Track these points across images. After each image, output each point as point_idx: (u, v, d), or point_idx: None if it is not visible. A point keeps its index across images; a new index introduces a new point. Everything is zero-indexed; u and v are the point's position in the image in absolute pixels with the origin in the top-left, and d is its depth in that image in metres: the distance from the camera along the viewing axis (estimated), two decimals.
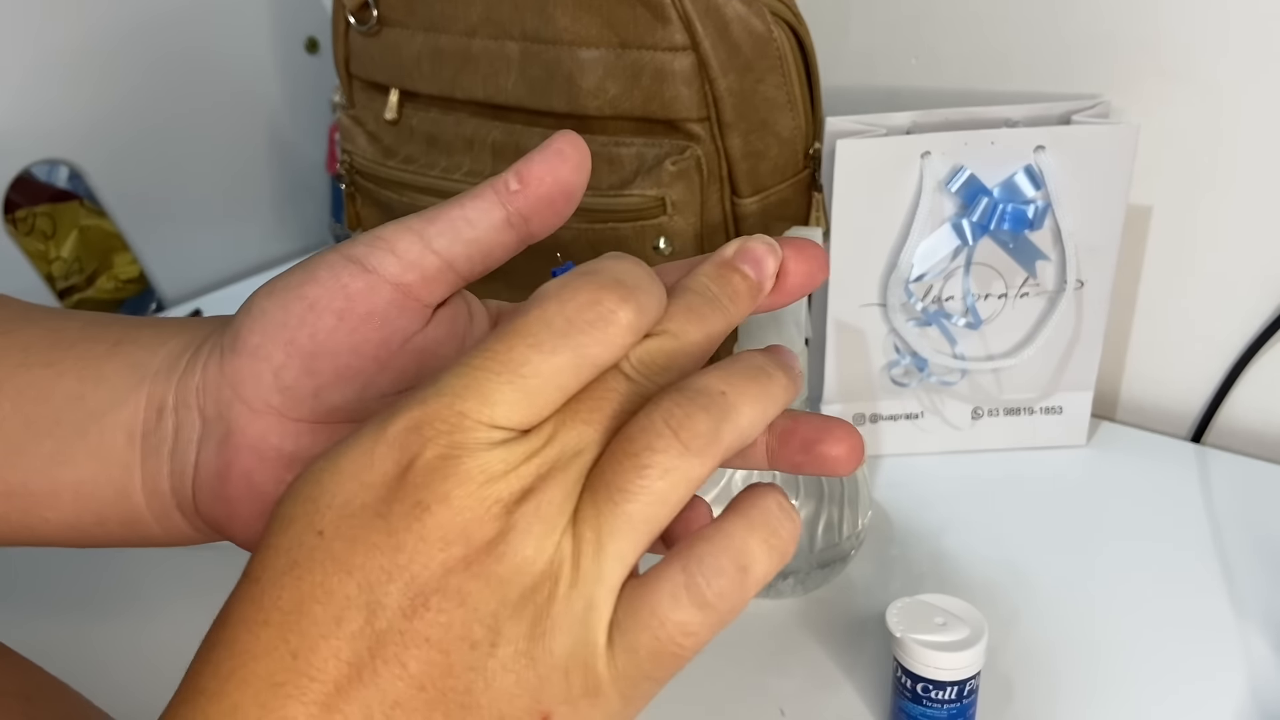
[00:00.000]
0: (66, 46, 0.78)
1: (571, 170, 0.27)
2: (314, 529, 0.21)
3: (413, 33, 0.59)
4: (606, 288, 0.22)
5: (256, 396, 0.27)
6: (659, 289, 0.23)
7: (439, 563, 0.21)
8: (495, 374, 0.21)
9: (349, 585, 0.21)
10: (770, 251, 0.26)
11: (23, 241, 0.86)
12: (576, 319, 0.22)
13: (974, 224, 0.56)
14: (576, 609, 0.21)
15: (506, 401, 0.21)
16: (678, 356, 0.24)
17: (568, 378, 0.22)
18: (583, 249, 0.55)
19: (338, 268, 0.27)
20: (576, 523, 0.21)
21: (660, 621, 0.21)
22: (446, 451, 0.21)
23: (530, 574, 0.21)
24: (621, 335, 0.22)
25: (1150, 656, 0.47)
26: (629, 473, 0.21)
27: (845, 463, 0.27)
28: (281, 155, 0.94)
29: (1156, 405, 0.66)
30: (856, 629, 0.49)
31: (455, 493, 0.21)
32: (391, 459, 0.21)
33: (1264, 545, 0.53)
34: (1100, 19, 0.60)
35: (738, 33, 0.51)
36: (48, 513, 0.29)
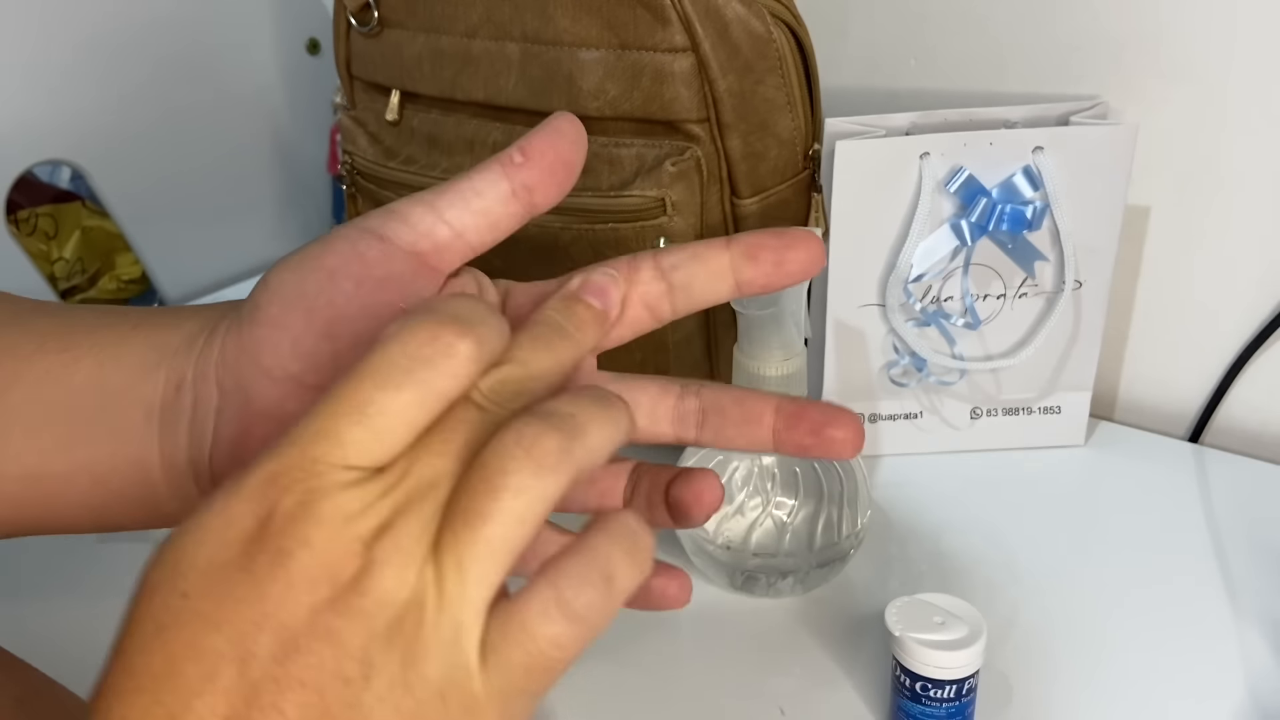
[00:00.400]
0: (68, 47, 0.78)
1: (570, 145, 0.28)
2: (178, 592, 0.21)
3: (413, 34, 0.60)
4: (444, 323, 0.23)
5: (276, 364, 0.28)
6: (498, 321, 0.24)
7: (306, 605, 0.21)
8: (344, 416, 0.22)
9: (219, 640, 0.21)
10: (612, 282, 0.27)
11: (25, 242, 0.86)
12: (418, 355, 0.22)
13: (973, 224, 0.56)
14: (445, 633, 0.22)
15: (357, 442, 0.22)
16: (526, 383, 0.24)
17: (415, 412, 0.22)
18: (583, 249, 0.55)
19: (354, 238, 0.28)
20: (438, 551, 0.22)
21: (531, 636, 0.22)
22: (303, 498, 0.21)
23: (395, 604, 0.21)
24: (463, 366, 0.23)
25: (1148, 655, 0.47)
26: (484, 496, 0.22)
27: (849, 445, 0.28)
28: (283, 156, 0.94)
29: (1155, 405, 0.66)
30: (855, 628, 0.49)
31: (315, 535, 0.21)
32: (250, 513, 0.22)
33: (1262, 545, 0.53)
34: (1099, 20, 0.60)
35: (737, 34, 0.51)
36: (68, 493, 0.30)
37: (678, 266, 0.29)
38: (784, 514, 0.49)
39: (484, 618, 0.22)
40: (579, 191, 0.54)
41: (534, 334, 0.25)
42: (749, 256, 0.29)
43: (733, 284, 0.29)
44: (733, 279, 0.29)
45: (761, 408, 0.30)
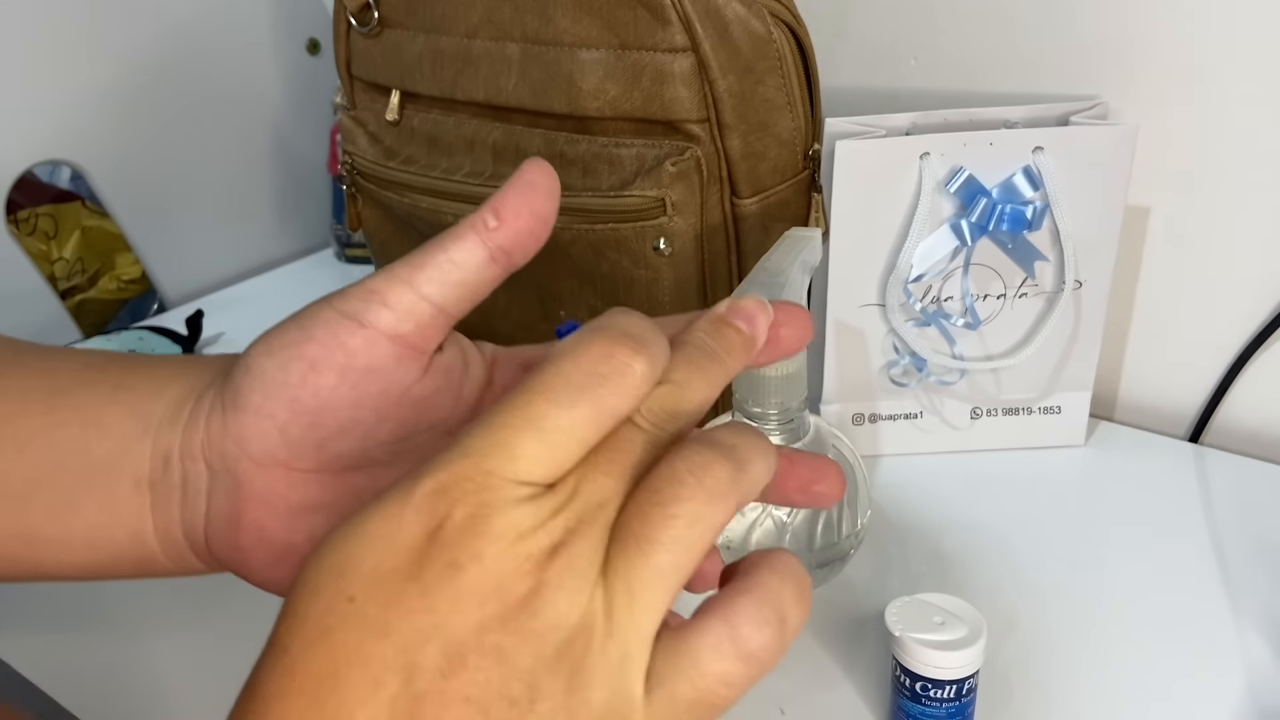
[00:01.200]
0: (68, 48, 0.78)
1: (544, 198, 0.28)
2: (344, 595, 0.21)
3: (414, 34, 0.60)
4: (619, 341, 0.23)
5: (262, 451, 0.28)
6: (664, 341, 0.24)
7: (475, 621, 0.21)
8: (518, 430, 0.22)
9: (386, 648, 0.20)
10: (760, 308, 0.27)
11: (25, 242, 0.86)
12: (593, 372, 0.22)
13: (973, 224, 0.56)
14: (612, 661, 0.21)
15: (530, 456, 0.22)
16: (683, 404, 0.24)
17: (588, 430, 0.22)
18: (583, 249, 0.55)
19: (334, 325, 0.28)
20: (607, 575, 0.22)
21: (701, 673, 0.22)
22: (475, 510, 0.21)
23: (565, 628, 0.21)
24: (637, 386, 0.23)
25: (1148, 655, 0.47)
26: (657, 522, 0.22)
27: (833, 497, 0.29)
28: (283, 156, 0.94)
29: (1154, 405, 0.66)
30: (855, 628, 0.49)
31: (487, 551, 0.21)
32: (420, 522, 0.21)
33: (1262, 544, 0.53)
34: (1098, 20, 0.60)
35: (737, 34, 0.51)
36: (61, 556, 0.30)
37: None
38: (784, 514, 0.49)
39: (650, 647, 0.22)
40: (579, 191, 0.54)
41: (687, 355, 0.25)
42: None
43: None
44: None
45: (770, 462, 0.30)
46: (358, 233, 0.71)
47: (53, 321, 0.81)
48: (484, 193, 0.57)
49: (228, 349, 0.80)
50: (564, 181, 0.55)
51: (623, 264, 0.55)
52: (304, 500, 0.28)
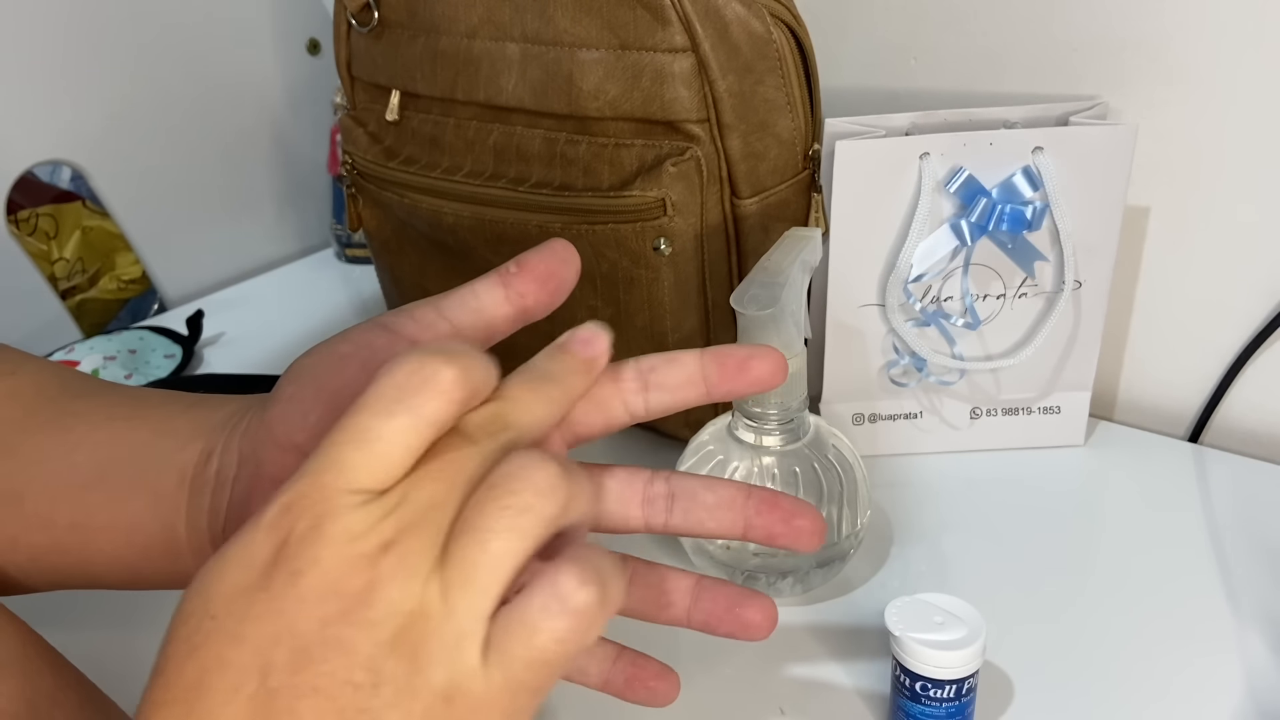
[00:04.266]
0: (68, 48, 0.78)
1: (561, 262, 0.32)
2: (208, 614, 0.24)
3: (414, 34, 0.60)
4: (428, 355, 0.25)
5: (285, 435, 0.31)
6: (483, 358, 0.26)
7: (318, 618, 0.23)
8: (345, 444, 0.24)
9: (242, 654, 0.23)
10: (595, 334, 0.30)
11: (25, 242, 0.86)
12: (406, 384, 0.25)
13: (972, 225, 0.56)
14: (449, 640, 0.23)
15: (358, 466, 0.24)
16: (512, 416, 0.27)
17: (409, 437, 0.24)
18: (584, 249, 0.55)
19: (366, 329, 0.32)
20: (445, 565, 0.24)
21: (533, 630, 0.24)
22: (313, 521, 0.24)
23: (399, 614, 0.23)
24: (449, 390, 0.25)
25: (1148, 655, 0.47)
26: (490, 512, 0.24)
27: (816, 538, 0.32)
28: (283, 156, 0.94)
29: (1154, 405, 0.66)
30: (855, 628, 0.49)
31: (324, 555, 0.23)
32: (269, 541, 0.24)
33: (1261, 544, 0.53)
34: (1098, 20, 0.60)
35: (737, 34, 0.51)
36: (105, 544, 0.33)
37: (654, 368, 0.31)
38: None
39: (486, 624, 0.24)
40: (579, 191, 0.54)
41: (522, 378, 0.28)
42: (717, 362, 0.31)
43: (703, 390, 0.31)
44: (704, 385, 0.31)
45: (734, 493, 0.32)
46: (358, 233, 0.71)
47: (53, 321, 0.81)
48: (484, 193, 0.57)
49: (228, 349, 0.80)
50: (564, 181, 0.55)
51: (623, 264, 0.55)
52: None
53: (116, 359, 0.75)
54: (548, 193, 0.55)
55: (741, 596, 0.33)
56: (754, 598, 0.32)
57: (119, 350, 0.76)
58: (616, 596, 0.25)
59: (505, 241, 0.58)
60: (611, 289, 0.56)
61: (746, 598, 0.32)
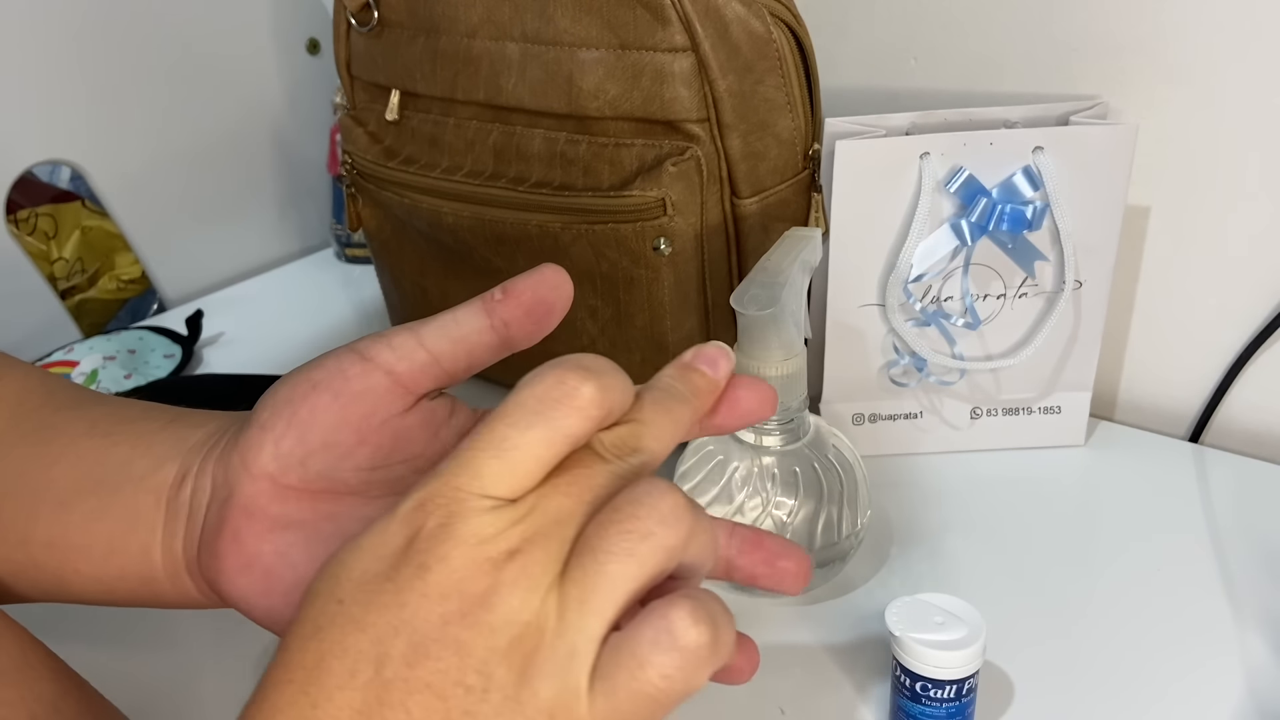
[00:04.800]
0: (68, 47, 0.78)
1: (551, 289, 0.31)
2: (335, 598, 0.24)
3: (413, 34, 0.60)
4: (570, 369, 0.25)
5: (257, 463, 0.31)
6: (622, 376, 0.26)
7: (438, 615, 0.23)
8: (481, 451, 0.25)
9: (362, 641, 0.23)
10: (722, 353, 0.30)
11: (25, 242, 0.86)
12: (545, 397, 0.25)
13: (973, 224, 0.56)
14: (560, 656, 0.23)
15: (492, 474, 0.24)
16: (645, 439, 0.27)
17: (544, 449, 0.25)
18: (584, 249, 0.55)
19: (341, 356, 0.31)
20: (564, 582, 0.24)
21: (641, 664, 0.23)
22: (445, 520, 0.24)
23: (517, 623, 0.23)
24: (586, 407, 0.25)
25: (1148, 655, 0.47)
26: (612, 535, 0.24)
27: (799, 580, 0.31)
28: (283, 156, 0.94)
29: (1154, 405, 0.66)
30: (856, 628, 0.49)
31: (452, 554, 0.24)
32: (401, 533, 0.24)
33: (1262, 544, 0.53)
34: (1098, 20, 0.60)
35: (737, 34, 0.51)
36: (80, 564, 0.33)
37: None
38: (784, 514, 0.49)
39: (598, 647, 0.24)
40: (579, 191, 0.54)
41: (652, 397, 0.28)
42: None
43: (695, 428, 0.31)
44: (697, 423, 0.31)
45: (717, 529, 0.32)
46: (358, 233, 0.71)
47: (53, 321, 0.81)
48: (484, 193, 0.57)
49: (227, 349, 0.80)
50: (564, 181, 0.55)
51: (623, 264, 0.55)
52: (281, 514, 0.31)
53: (116, 359, 0.75)
54: (548, 192, 0.55)
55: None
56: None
57: (118, 350, 0.76)
58: (728, 644, 0.25)
59: (505, 241, 0.58)
60: (611, 289, 0.56)
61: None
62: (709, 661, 0.24)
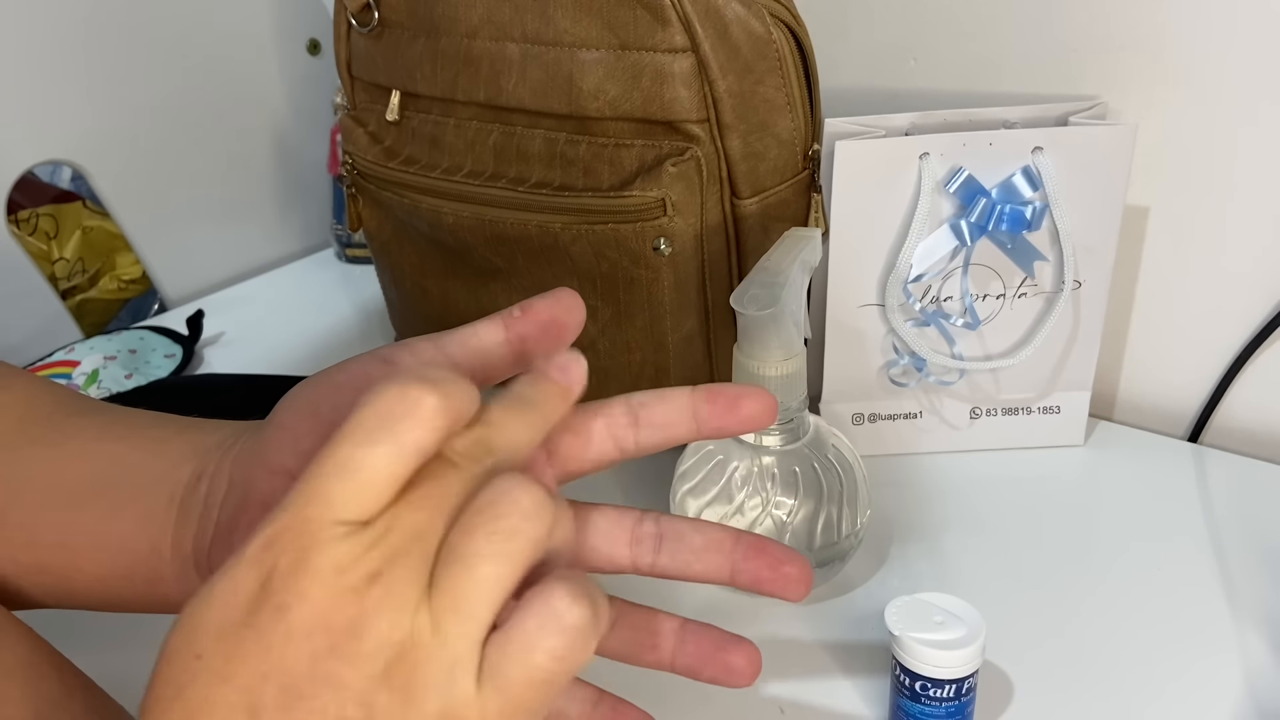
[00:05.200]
0: (69, 48, 0.78)
1: (566, 310, 0.32)
2: (193, 654, 0.23)
3: (414, 34, 0.60)
4: (411, 382, 0.25)
5: (276, 460, 0.31)
6: (464, 383, 0.26)
7: (307, 654, 0.23)
8: (328, 475, 0.24)
9: (229, 693, 0.22)
10: (573, 359, 0.30)
11: (26, 242, 0.86)
12: (388, 412, 0.24)
13: (972, 225, 0.56)
14: (443, 668, 0.23)
15: (342, 498, 0.24)
16: (496, 441, 0.27)
17: (393, 466, 0.24)
18: (583, 249, 0.55)
19: (365, 360, 0.32)
20: (433, 593, 0.23)
21: (529, 650, 0.23)
22: (298, 555, 0.23)
23: (390, 645, 0.23)
24: (431, 418, 0.24)
25: (1147, 655, 0.47)
26: (480, 539, 0.24)
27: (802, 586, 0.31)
28: (283, 156, 0.94)
29: (1154, 405, 0.66)
30: (855, 627, 0.49)
31: (310, 588, 0.23)
32: (253, 576, 0.23)
33: (1261, 544, 0.53)
34: (1098, 21, 0.60)
35: (737, 34, 0.51)
36: (86, 564, 0.33)
37: (645, 404, 0.32)
38: (784, 514, 0.49)
39: (479, 650, 0.24)
40: (579, 192, 0.54)
41: (503, 403, 0.28)
42: (709, 400, 0.31)
43: (694, 426, 0.31)
44: (694, 422, 0.31)
45: (722, 536, 0.32)
46: (358, 233, 0.71)
47: (53, 321, 0.81)
48: (484, 193, 0.57)
49: (228, 349, 0.80)
50: (564, 182, 0.55)
51: (623, 264, 0.55)
52: None
53: (117, 359, 0.75)
54: (548, 193, 0.55)
55: (726, 641, 0.32)
56: (738, 643, 0.32)
57: (119, 350, 0.76)
58: (605, 615, 0.25)
59: (505, 241, 0.58)
60: (611, 289, 0.56)
61: (731, 643, 0.32)
62: (593, 635, 0.24)
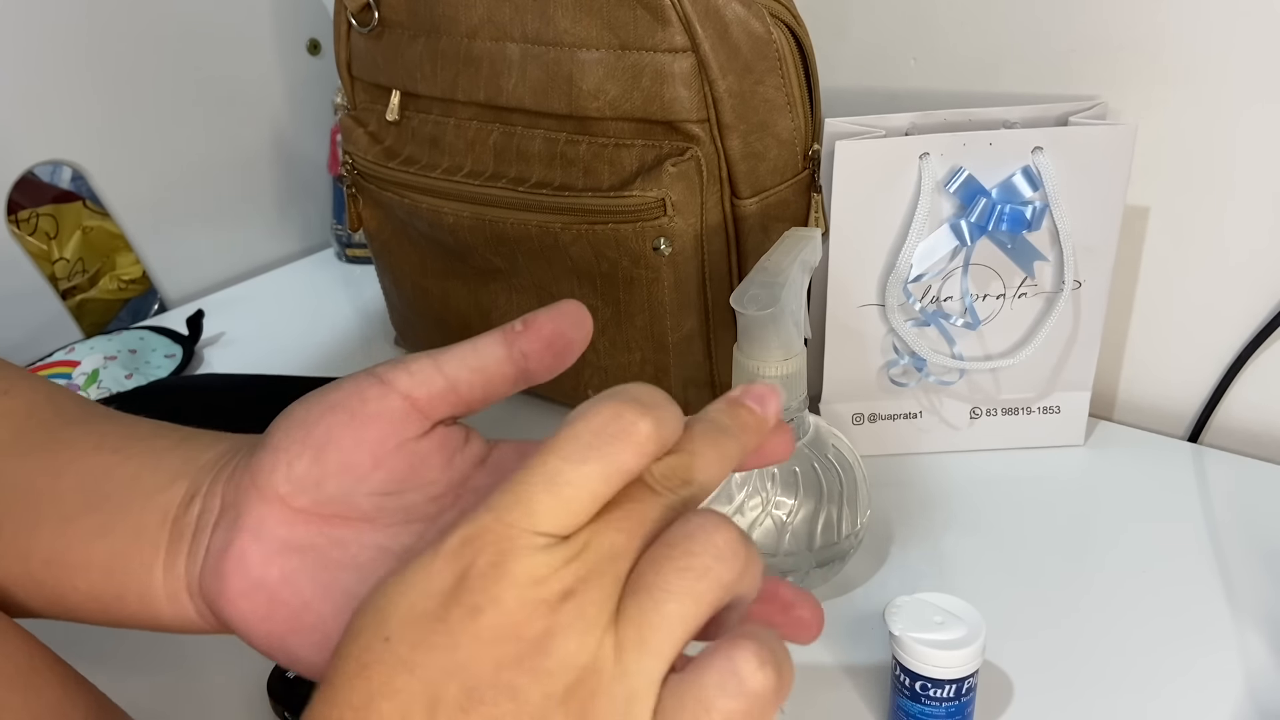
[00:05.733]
0: (69, 48, 0.78)
1: (571, 324, 0.31)
2: (381, 635, 0.23)
3: (414, 35, 0.60)
4: (626, 404, 0.25)
5: (268, 484, 0.30)
6: (675, 409, 0.26)
7: (492, 659, 0.23)
8: (534, 486, 0.24)
9: (413, 683, 0.23)
10: (771, 392, 0.29)
11: (26, 242, 0.86)
12: (602, 431, 0.24)
13: (972, 225, 0.56)
14: (619, 700, 0.23)
15: (546, 510, 0.24)
16: (695, 472, 0.26)
17: (599, 485, 0.24)
18: (583, 249, 0.55)
19: (360, 379, 0.31)
20: (619, 622, 0.23)
21: (706, 708, 0.23)
22: (496, 559, 0.23)
23: (574, 667, 0.23)
24: (643, 443, 0.25)
25: (1147, 654, 0.47)
26: (669, 573, 0.23)
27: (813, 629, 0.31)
28: (283, 156, 0.94)
29: (1154, 405, 0.66)
30: (855, 627, 0.49)
31: (505, 595, 0.23)
32: (449, 570, 0.23)
33: (1260, 544, 0.53)
34: (1097, 21, 0.60)
35: (737, 34, 0.51)
36: (79, 581, 0.32)
37: None
38: (783, 514, 0.49)
39: (657, 689, 0.23)
40: (579, 192, 0.54)
41: (702, 429, 0.27)
42: None
43: None
44: None
45: None
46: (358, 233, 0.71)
47: (53, 322, 0.81)
48: (484, 193, 0.57)
49: (228, 349, 0.80)
50: (564, 182, 0.55)
51: (623, 264, 0.55)
52: (289, 537, 0.30)
53: (117, 359, 0.75)
54: (548, 193, 0.55)
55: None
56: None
57: (119, 350, 0.76)
58: (790, 681, 0.24)
59: (505, 241, 0.58)
60: (611, 289, 0.56)
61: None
62: (775, 702, 0.24)
